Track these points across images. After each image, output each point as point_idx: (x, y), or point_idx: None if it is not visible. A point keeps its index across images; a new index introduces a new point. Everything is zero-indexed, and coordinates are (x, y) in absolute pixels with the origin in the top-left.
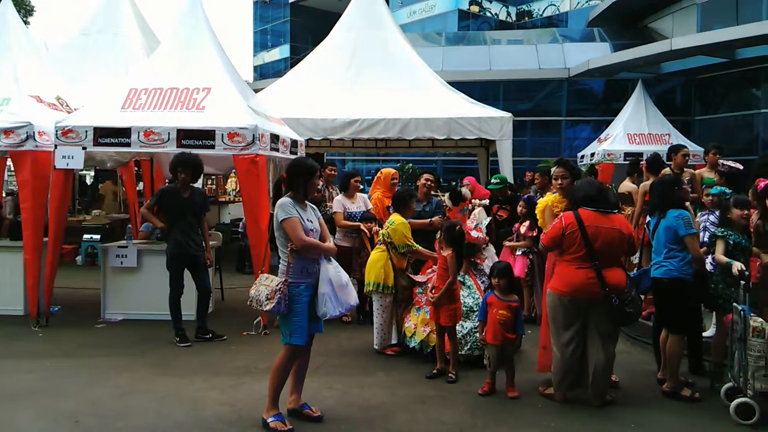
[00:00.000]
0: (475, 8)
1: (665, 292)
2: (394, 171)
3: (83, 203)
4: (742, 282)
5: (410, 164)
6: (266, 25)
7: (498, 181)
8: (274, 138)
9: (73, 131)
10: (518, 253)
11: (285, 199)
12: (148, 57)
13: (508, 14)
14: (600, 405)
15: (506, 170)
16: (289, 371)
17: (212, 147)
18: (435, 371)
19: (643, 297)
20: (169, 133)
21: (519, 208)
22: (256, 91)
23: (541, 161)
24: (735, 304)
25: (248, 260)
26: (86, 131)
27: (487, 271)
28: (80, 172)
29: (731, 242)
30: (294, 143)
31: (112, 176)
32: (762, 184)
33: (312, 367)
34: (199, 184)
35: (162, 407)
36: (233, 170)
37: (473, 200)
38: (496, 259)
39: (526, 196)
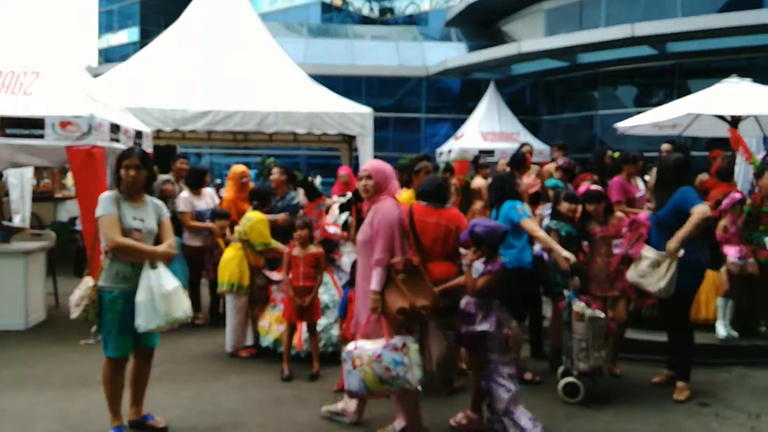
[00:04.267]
0: (338, 1)
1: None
2: (243, 169)
3: None
4: (570, 270)
5: (272, 158)
6: (113, 5)
7: None
8: (115, 128)
9: None
10: None
11: (106, 194)
12: None
13: (371, 9)
14: (449, 392)
15: None
16: (120, 382)
17: (41, 137)
18: (287, 374)
19: None
20: None
21: None
22: (97, 76)
23: (403, 157)
24: (564, 290)
25: (86, 262)
26: None
27: (344, 267)
28: None
29: (563, 233)
30: (138, 134)
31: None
32: (580, 191)
33: (157, 375)
34: (30, 177)
35: None
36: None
37: (334, 196)
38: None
39: None
